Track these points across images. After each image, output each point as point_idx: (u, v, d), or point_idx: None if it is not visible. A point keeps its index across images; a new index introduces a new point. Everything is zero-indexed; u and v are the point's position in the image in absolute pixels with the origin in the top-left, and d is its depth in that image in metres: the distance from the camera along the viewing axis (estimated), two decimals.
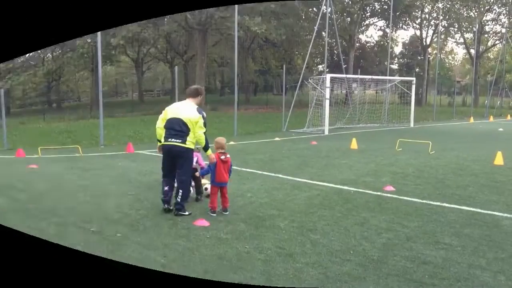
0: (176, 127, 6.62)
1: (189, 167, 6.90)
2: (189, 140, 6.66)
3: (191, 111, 6.72)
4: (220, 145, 6.85)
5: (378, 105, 28.69)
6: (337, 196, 8.09)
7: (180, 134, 6.60)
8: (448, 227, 6.36)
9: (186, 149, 6.65)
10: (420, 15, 48.93)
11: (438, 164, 11.71)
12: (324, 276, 4.65)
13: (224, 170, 6.81)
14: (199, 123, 6.70)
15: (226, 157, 6.81)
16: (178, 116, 6.67)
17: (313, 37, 26.67)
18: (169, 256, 4.78)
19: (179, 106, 6.94)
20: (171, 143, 6.62)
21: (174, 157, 6.71)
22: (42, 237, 4.34)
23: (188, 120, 6.64)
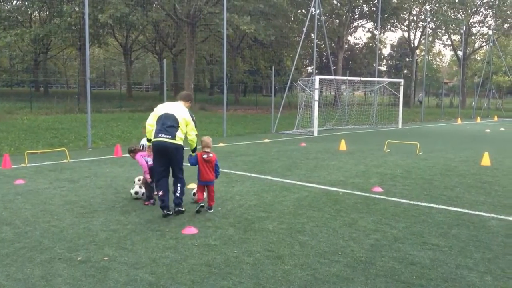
0: (168, 122, 6.69)
1: (181, 162, 6.91)
2: (178, 136, 6.69)
3: (183, 111, 6.91)
4: (205, 144, 6.99)
5: (367, 107, 28.83)
6: (326, 197, 8.10)
7: (170, 130, 6.64)
8: (435, 227, 6.40)
9: (176, 145, 6.67)
10: (408, 17, 49.31)
11: (426, 165, 11.79)
12: (312, 278, 4.65)
13: (208, 169, 6.94)
14: (190, 125, 6.86)
15: (209, 156, 6.91)
16: (171, 112, 6.79)
17: (302, 38, 26.74)
18: (156, 272, 4.71)
19: (172, 105, 7.06)
20: (161, 139, 6.62)
21: (165, 155, 6.71)
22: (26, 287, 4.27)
23: (180, 117, 6.77)
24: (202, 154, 6.92)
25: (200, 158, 6.92)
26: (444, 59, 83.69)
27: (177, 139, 6.68)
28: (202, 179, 6.98)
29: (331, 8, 38.95)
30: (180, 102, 7.14)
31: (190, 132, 6.88)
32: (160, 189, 6.70)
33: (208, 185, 7.06)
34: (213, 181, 7.10)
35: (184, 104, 7.11)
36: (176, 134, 6.67)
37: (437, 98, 55.23)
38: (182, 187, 6.83)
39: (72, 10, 28.90)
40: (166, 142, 6.61)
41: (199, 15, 30.77)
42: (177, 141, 6.68)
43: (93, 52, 57.07)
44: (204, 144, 7.01)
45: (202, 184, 7.04)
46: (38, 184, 8.86)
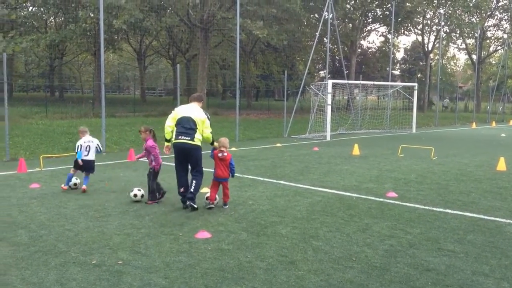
0: (186, 125, 7.40)
1: (200, 162, 7.61)
2: (196, 137, 7.43)
3: (199, 112, 7.58)
4: (222, 144, 7.56)
5: (380, 111, 28.65)
6: (339, 202, 8.05)
7: (189, 132, 7.37)
8: (451, 233, 6.32)
9: (195, 145, 7.42)
10: (422, 21, 48.96)
11: (441, 170, 11.67)
12: (326, 283, 4.62)
13: (223, 167, 7.49)
14: (205, 123, 7.55)
15: (223, 155, 7.47)
16: (188, 115, 7.48)
17: (314, 43, 26.70)
18: (170, 276, 4.72)
19: (188, 107, 7.70)
20: (181, 141, 7.38)
21: (185, 154, 7.47)
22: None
23: (197, 119, 7.46)
24: (218, 153, 7.50)
25: (216, 156, 7.50)
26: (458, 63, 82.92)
27: (196, 140, 7.42)
28: (217, 175, 7.50)
29: (344, 12, 38.84)
30: (194, 103, 7.78)
31: (205, 130, 7.55)
32: (181, 186, 7.51)
33: (222, 182, 7.56)
34: (227, 178, 7.58)
35: (197, 104, 7.77)
36: (195, 136, 7.40)
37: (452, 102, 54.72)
38: (196, 185, 7.43)
39: (87, 16, 29.21)
40: (186, 143, 7.36)
41: (212, 20, 30.88)
42: (196, 142, 7.42)
43: (108, 57, 57.61)
44: (221, 144, 7.55)
45: (216, 181, 7.53)
46: (53, 188, 8.95)
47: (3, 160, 12.50)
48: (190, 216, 6.98)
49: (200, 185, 7.56)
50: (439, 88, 38.25)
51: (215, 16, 29.57)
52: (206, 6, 29.60)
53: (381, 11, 43.17)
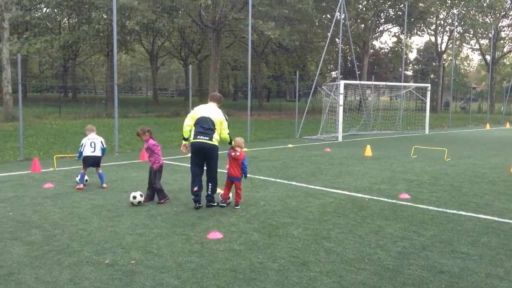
0: (205, 125, 7.54)
1: (216, 163, 7.74)
2: (215, 137, 7.58)
3: (218, 113, 7.74)
4: (237, 143, 7.73)
5: (393, 112, 28.47)
6: (352, 203, 8.01)
7: (208, 132, 7.51)
8: (465, 235, 6.26)
9: (213, 145, 7.55)
10: (435, 21, 48.60)
11: (454, 172, 11.57)
12: (338, 285, 4.60)
13: (235, 166, 7.62)
14: (224, 124, 7.72)
15: (236, 154, 7.61)
16: (208, 115, 7.62)
17: (326, 43, 26.63)
18: (182, 276, 4.73)
19: (207, 107, 7.84)
20: (200, 141, 7.51)
21: (202, 154, 7.61)
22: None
23: (216, 119, 7.62)
24: (231, 152, 7.67)
25: (230, 155, 7.66)
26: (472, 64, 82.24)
27: (214, 140, 7.56)
28: (229, 174, 7.66)
29: (356, 13, 38.68)
30: (213, 103, 7.91)
31: (223, 131, 7.72)
32: (196, 185, 7.57)
33: (234, 181, 7.65)
34: (239, 178, 7.65)
35: (216, 105, 7.91)
36: (213, 136, 7.55)
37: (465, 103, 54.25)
38: (213, 186, 7.66)
39: (101, 17, 29.45)
40: (204, 143, 7.50)
41: (224, 21, 30.95)
42: (214, 142, 7.56)
43: (120, 58, 57.98)
44: (236, 143, 7.72)
45: (229, 180, 7.68)
46: (66, 188, 9.03)
47: (17, 159, 12.65)
48: (202, 217, 7.00)
49: (216, 186, 7.75)
50: (452, 89, 37.91)
51: (227, 17, 29.64)
52: (218, 7, 29.66)
53: (393, 11, 42.92)
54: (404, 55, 33.62)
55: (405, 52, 37.22)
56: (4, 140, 16.05)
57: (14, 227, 6.31)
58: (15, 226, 6.39)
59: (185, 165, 12.02)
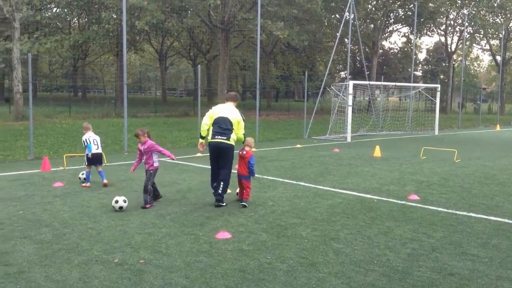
0: (223, 125, 7.74)
1: (231, 163, 7.87)
2: (232, 137, 7.77)
3: (236, 113, 7.94)
4: (246, 143, 7.95)
5: (402, 112, 28.34)
6: (360, 204, 7.98)
7: (225, 132, 7.71)
8: (475, 237, 6.21)
9: (229, 145, 7.75)
10: (445, 22, 48.31)
11: (464, 173, 11.49)
12: (347, 286, 4.58)
13: (242, 164, 7.76)
14: (241, 124, 7.94)
15: (243, 153, 7.78)
16: (226, 116, 7.81)
17: (335, 43, 26.55)
18: (191, 276, 4.74)
19: (225, 107, 8.05)
20: (218, 140, 7.72)
21: (220, 153, 7.78)
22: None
23: (234, 120, 7.82)
24: (240, 151, 7.86)
25: (238, 154, 7.85)
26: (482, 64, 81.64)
27: (231, 140, 7.76)
28: (237, 172, 7.86)
29: (365, 13, 38.56)
30: (231, 103, 8.11)
31: (239, 131, 7.93)
32: (215, 181, 7.81)
33: (242, 179, 7.79)
34: (246, 176, 7.76)
35: (233, 104, 8.11)
36: (230, 136, 7.75)
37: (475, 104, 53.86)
38: (224, 186, 7.72)
39: (110, 17, 29.61)
40: (222, 142, 7.71)
41: (233, 21, 30.99)
42: (231, 142, 7.76)
43: (130, 58, 58.30)
44: (246, 143, 7.95)
45: (238, 178, 7.85)
46: (76, 187, 9.08)
47: (27, 158, 12.75)
48: (211, 216, 7.01)
49: (227, 187, 7.85)
50: (462, 90, 37.66)
51: (236, 17, 29.67)
52: (227, 7, 29.70)
53: (403, 11, 42.74)
54: (413, 56, 33.44)
55: (414, 53, 36.98)
56: (14, 139, 16.18)
57: (24, 226, 6.36)
58: (25, 224, 6.44)
59: (193, 165, 12.05)
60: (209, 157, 8.01)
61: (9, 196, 8.15)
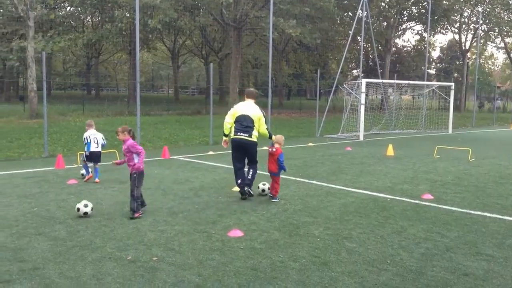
0: (244, 122, 8.04)
1: (255, 155, 8.20)
2: (253, 134, 8.08)
3: (256, 110, 8.20)
4: (276, 140, 8.16)
5: (415, 111, 28.10)
6: (373, 203, 7.93)
7: (247, 129, 8.02)
8: (489, 237, 6.14)
9: (252, 141, 8.06)
10: (459, 19, 47.81)
11: (479, 172, 11.36)
12: (360, 286, 4.55)
13: (271, 161, 8.00)
14: (261, 120, 8.19)
15: (272, 150, 8.01)
16: (247, 113, 8.10)
17: (348, 41, 26.41)
18: (203, 274, 4.75)
19: (246, 105, 8.32)
20: (240, 137, 8.02)
21: (243, 149, 8.10)
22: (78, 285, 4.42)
23: (255, 116, 8.10)
24: (269, 148, 8.11)
25: (268, 151, 8.11)
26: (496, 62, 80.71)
27: (253, 137, 8.07)
28: (268, 169, 8.15)
29: (378, 11, 38.32)
30: (251, 100, 8.38)
31: (261, 127, 8.19)
32: (239, 178, 8.09)
33: (272, 176, 8.08)
34: (275, 172, 8.01)
35: (253, 101, 8.38)
36: (252, 133, 8.05)
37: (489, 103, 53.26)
38: (253, 174, 8.17)
39: (123, 16, 29.79)
40: (244, 139, 8.01)
41: (246, 19, 31.00)
42: (252, 138, 8.07)
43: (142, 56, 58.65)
44: (275, 140, 8.16)
45: (270, 175, 8.13)
46: (89, 184, 9.15)
47: (41, 156, 12.87)
48: (223, 214, 7.01)
49: (256, 174, 8.24)
50: (476, 88, 37.25)
51: (248, 15, 29.67)
52: (239, 5, 29.71)
53: (416, 9, 42.39)
54: (427, 54, 33.15)
55: (428, 51, 36.65)
56: (29, 137, 16.36)
57: (38, 223, 6.42)
58: (40, 221, 6.50)
59: (206, 163, 12.07)
60: (230, 154, 8.32)
61: (23, 193, 8.24)
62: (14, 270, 4.80)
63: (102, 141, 9.78)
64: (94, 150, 9.54)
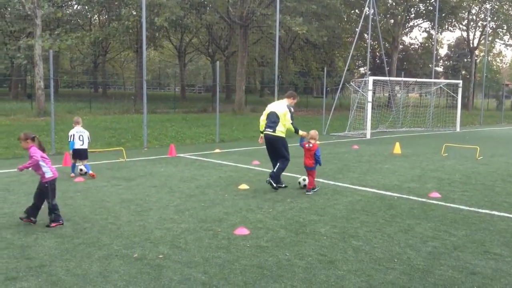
0: (272, 118, 8.67)
1: (283, 149, 8.67)
2: (278, 129, 8.60)
3: (282, 107, 8.78)
4: (311, 136, 8.58)
5: (423, 109, 27.95)
6: (380, 202, 7.90)
7: (272, 125, 8.61)
8: (498, 236, 6.09)
9: (276, 136, 8.62)
10: (467, 16, 47.45)
11: (487, 170, 11.28)
12: (367, 284, 4.53)
13: (308, 156, 8.45)
14: (286, 116, 8.67)
15: (309, 146, 8.43)
16: (274, 110, 8.74)
17: (355, 39, 26.31)
18: (209, 272, 4.75)
19: (275, 103, 9.12)
20: (267, 133, 8.70)
21: (270, 144, 8.73)
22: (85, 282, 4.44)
23: (280, 113, 8.65)
24: (305, 144, 8.51)
25: (304, 147, 8.51)
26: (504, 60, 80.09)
27: (277, 132, 8.59)
28: (304, 164, 8.58)
29: (385, 8, 38.12)
30: (285, 99, 9.04)
31: (286, 122, 8.68)
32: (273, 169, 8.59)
33: (308, 170, 8.50)
34: (312, 167, 8.45)
35: (287, 100, 8.98)
36: (277, 128, 8.58)
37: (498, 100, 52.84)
38: (279, 167, 8.56)
39: (130, 14, 29.81)
40: (269, 134, 8.66)
41: (252, 17, 30.95)
42: (277, 133, 8.59)
43: (149, 54, 58.72)
44: (310, 136, 8.58)
45: (305, 169, 8.56)
46: (96, 182, 9.17)
47: (49, 154, 12.90)
48: (229, 212, 7.01)
49: (283, 169, 8.61)
50: (484, 86, 36.98)
51: (255, 12, 29.62)
52: (246, 3, 29.68)
53: (424, 6, 42.11)
54: (434, 51, 32.98)
55: (435, 48, 36.44)
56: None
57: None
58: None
59: (212, 161, 12.08)
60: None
61: (31, 191, 8.25)
62: (21, 267, 4.82)
63: (88, 139, 9.86)
64: (78, 147, 9.65)
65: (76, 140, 9.66)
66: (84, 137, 9.78)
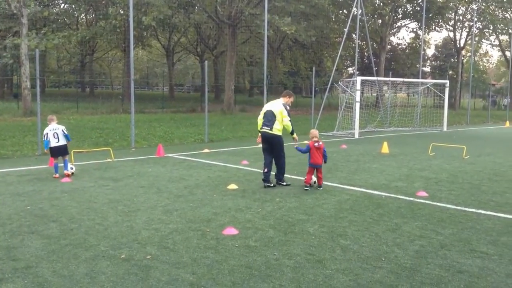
0: (268, 117, 8.90)
1: (279, 148, 8.94)
2: (275, 127, 8.85)
3: (278, 105, 8.99)
4: (314, 135, 8.94)
5: (410, 109, 28.15)
6: (368, 201, 7.94)
7: (269, 123, 8.84)
8: (484, 234, 6.15)
9: (273, 134, 8.86)
10: (454, 17, 47.89)
11: (473, 169, 11.39)
12: (355, 283, 4.55)
13: (318, 155, 8.68)
14: (283, 113, 8.87)
15: (319, 144, 8.72)
16: (270, 109, 8.97)
17: (343, 39, 26.42)
18: (197, 272, 4.73)
19: (272, 102, 9.24)
20: (263, 130, 8.93)
21: (267, 142, 8.95)
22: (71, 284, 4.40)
23: (276, 111, 8.86)
24: (314, 143, 8.73)
25: (312, 146, 8.70)
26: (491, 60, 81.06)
27: (274, 130, 8.84)
28: (313, 162, 8.70)
29: (373, 8, 38.31)
30: (281, 98, 9.21)
31: (284, 119, 8.89)
32: (265, 167, 8.82)
33: (317, 168, 8.74)
34: (321, 164, 8.74)
35: (283, 99, 9.16)
36: (273, 127, 8.83)
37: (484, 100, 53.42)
38: (280, 166, 8.92)
39: (117, 13, 29.64)
40: (266, 132, 8.89)
41: (240, 17, 30.94)
42: (274, 131, 8.84)
43: (137, 54, 58.42)
44: (313, 135, 8.93)
45: (311, 167, 8.72)
46: (83, 182, 9.10)
47: (35, 154, 12.81)
48: (218, 213, 6.99)
49: (283, 167, 8.99)
50: (471, 86, 37.35)
51: (243, 12, 29.62)
52: (234, 3, 29.66)
53: (411, 6, 42.42)
54: (422, 51, 33.21)
55: (423, 48, 36.72)
56: (22, 135, 16.27)
57: (32, 221, 6.38)
58: (33, 220, 6.46)
59: (201, 161, 12.05)
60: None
61: (17, 192, 8.19)
62: (7, 268, 4.77)
63: (63, 133, 9.70)
64: (54, 145, 9.53)
65: (51, 138, 9.53)
66: (59, 133, 9.63)
